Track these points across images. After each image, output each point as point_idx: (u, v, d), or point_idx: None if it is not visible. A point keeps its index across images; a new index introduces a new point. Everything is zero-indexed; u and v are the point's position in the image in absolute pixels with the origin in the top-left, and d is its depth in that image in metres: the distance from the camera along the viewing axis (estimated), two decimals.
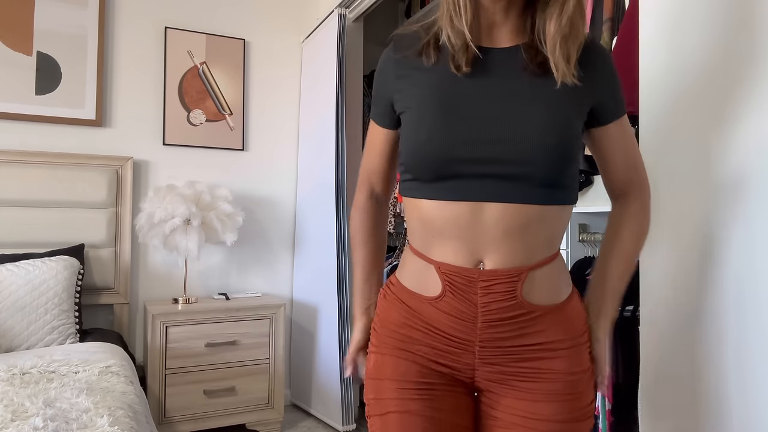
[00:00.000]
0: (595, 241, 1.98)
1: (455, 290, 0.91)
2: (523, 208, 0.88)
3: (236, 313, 2.76)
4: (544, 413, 0.91)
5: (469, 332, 0.91)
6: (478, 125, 0.88)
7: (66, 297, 2.38)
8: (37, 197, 2.67)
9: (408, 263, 0.99)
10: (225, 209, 2.84)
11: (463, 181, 0.89)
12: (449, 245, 0.91)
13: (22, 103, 2.72)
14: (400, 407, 0.93)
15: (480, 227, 0.89)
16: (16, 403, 1.52)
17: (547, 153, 0.86)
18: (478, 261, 0.90)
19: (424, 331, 0.95)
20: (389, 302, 1.00)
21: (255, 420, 2.78)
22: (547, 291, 0.92)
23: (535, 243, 0.90)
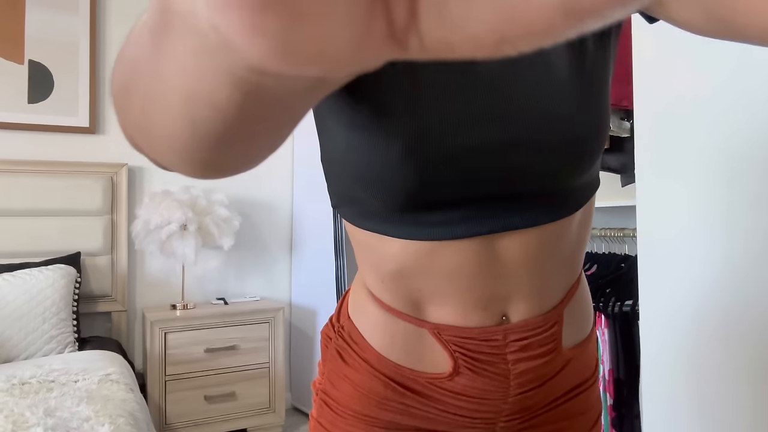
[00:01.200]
0: (592, 236, 1.98)
1: (474, 365, 0.62)
2: (556, 227, 0.60)
3: (235, 317, 2.75)
4: None
5: (493, 410, 0.66)
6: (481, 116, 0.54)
7: (64, 306, 2.37)
8: (31, 206, 2.66)
9: (373, 317, 0.66)
10: (221, 213, 2.83)
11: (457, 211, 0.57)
12: (450, 299, 0.61)
13: (14, 111, 2.71)
14: None
15: (496, 268, 0.59)
16: (16, 414, 1.51)
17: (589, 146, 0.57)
18: (501, 314, 0.62)
19: (419, 415, 0.66)
20: (353, 367, 0.67)
21: (256, 425, 2.78)
22: (580, 322, 0.69)
23: (568, 265, 0.65)
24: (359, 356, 0.67)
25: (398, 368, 0.65)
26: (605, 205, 1.90)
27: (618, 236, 1.87)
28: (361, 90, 0.53)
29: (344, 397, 0.67)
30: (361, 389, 0.66)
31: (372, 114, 0.53)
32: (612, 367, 1.67)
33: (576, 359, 0.69)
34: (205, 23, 0.17)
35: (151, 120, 0.30)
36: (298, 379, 3.23)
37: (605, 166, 1.72)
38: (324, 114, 0.58)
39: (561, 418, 0.71)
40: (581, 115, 0.56)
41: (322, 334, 0.74)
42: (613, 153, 1.68)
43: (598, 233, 1.93)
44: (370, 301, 0.67)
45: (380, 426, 0.66)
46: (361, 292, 0.69)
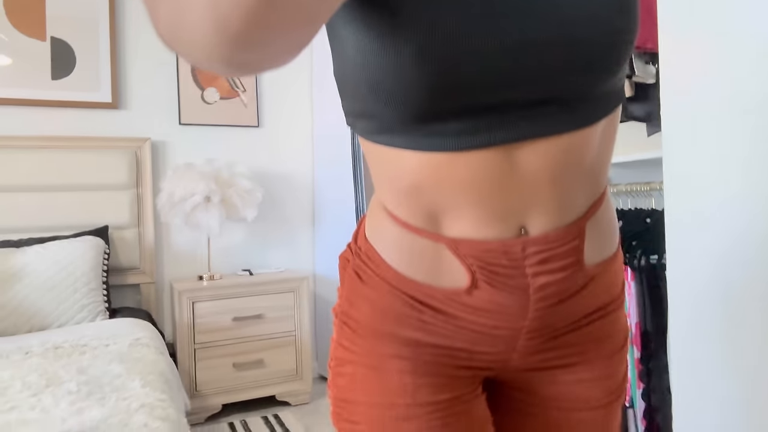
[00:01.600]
0: (618, 192, 1.94)
1: (493, 278, 0.61)
2: (578, 137, 0.57)
3: (260, 287, 2.78)
4: (598, 390, 0.71)
5: (513, 326, 0.64)
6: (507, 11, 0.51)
7: (93, 276, 2.42)
8: (58, 181, 2.71)
9: (390, 235, 0.65)
10: (244, 185, 2.85)
11: (477, 120, 0.54)
12: (468, 212, 0.59)
13: (39, 88, 2.75)
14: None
15: (516, 178, 0.57)
16: (50, 372, 1.55)
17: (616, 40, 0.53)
18: (519, 226, 0.59)
19: (439, 332, 0.65)
20: (371, 286, 0.67)
21: (284, 391, 2.82)
22: (604, 239, 0.65)
23: (591, 178, 0.61)
24: (377, 275, 0.66)
25: (416, 285, 0.64)
26: (630, 159, 1.86)
27: (645, 191, 1.83)
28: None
29: (363, 317, 0.67)
30: (380, 307, 0.66)
31: (384, 16, 0.50)
32: (639, 320, 1.65)
33: (599, 278, 0.67)
34: None
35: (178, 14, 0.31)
36: (323, 348, 3.26)
37: (630, 116, 1.68)
38: (337, 24, 0.55)
39: (585, 341, 0.70)
40: (609, 7, 0.52)
41: (340, 258, 0.74)
42: (637, 101, 1.64)
43: (624, 189, 1.89)
44: (387, 219, 0.65)
45: (400, 343, 0.65)
46: (378, 212, 0.67)
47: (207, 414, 2.66)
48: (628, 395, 1.65)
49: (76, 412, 1.22)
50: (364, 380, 0.65)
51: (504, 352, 0.67)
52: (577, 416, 0.71)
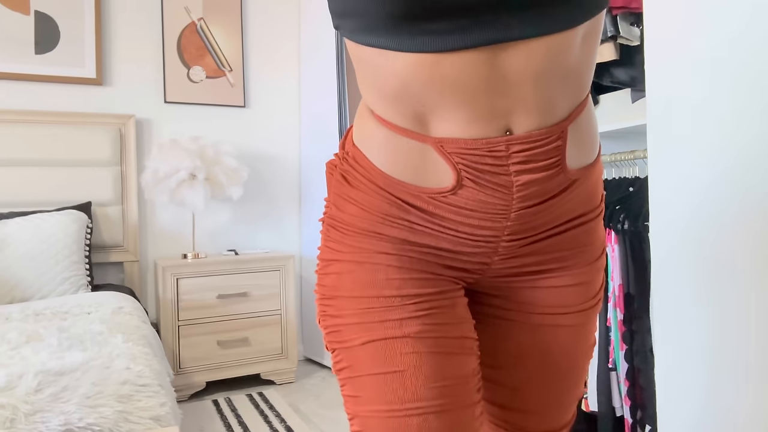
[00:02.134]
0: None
1: (477, 176, 0.62)
2: (561, 39, 0.57)
3: (246, 265, 2.77)
4: (579, 296, 0.74)
5: (496, 226, 0.65)
6: None
7: (76, 249, 2.39)
8: (41, 156, 2.67)
9: (377, 138, 0.65)
10: (229, 164, 2.83)
11: (464, 18, 0.54)
12: (455, 112, 0.59)
13: (21, 62, 2.72)
14: (388, 332, 0.64)
15: (501, 78, 0.58)
16: (30, 331, 1.53)
17: None
18: (505, 127, 0.60)
19: (424, 232, 0.66)
20: (358, 188, 0.68)
21: (269, 370, 2.81)
22: (584, 147, 0.67)
23: (574, 81, 0.62)
24: (365, 177, 0.67)
25: (403, 185, 0.65)
26: (614, 128, 1.87)
27: (629, 159, 1.85)
28: None
29: (350, 218, 0.68)
30: (367, 208, 0.67)
31: None
32: (622, 282, 1.66)
33: (580, 184, 0.69)
34: None
35: None
36: (309, 330, 3.25)
37: (615, 80, 1.69)
38: None
39: (563, 248, 0.72)
40: None
41: (327, 165, 0.74)
42: (622, 66, 1.66)
43: (608, 159, 1.91)
44: (374, 122, 0.66)
45: (386, 241, 0.67)
46: (365, 116, 0.68)
47: (191, 391, 2.64)
48: (611, 357, 1.67)
49: (56, 359, 1.21)
50: (350, 275, 0.66)
51: (486, 254, 0.68)
52: (553, 321, 0.74)
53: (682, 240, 1.26)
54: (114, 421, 1.00)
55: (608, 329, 1.69)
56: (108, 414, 1.01)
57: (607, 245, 1.72)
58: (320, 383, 2.86)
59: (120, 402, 1.06)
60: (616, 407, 1.70)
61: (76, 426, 0.97)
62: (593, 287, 0.75)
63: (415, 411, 0.63)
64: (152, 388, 1.15)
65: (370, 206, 0.67)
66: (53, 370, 1.11)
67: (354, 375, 0.66)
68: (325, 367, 3.13)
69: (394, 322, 0.64)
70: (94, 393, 1.06)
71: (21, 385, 1.05)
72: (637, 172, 1.91)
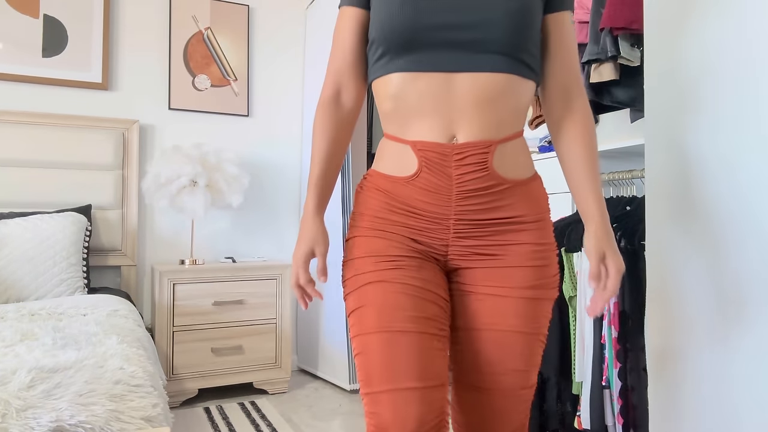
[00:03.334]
0: None
1: (431, 165, 0.96)
2: (492, 77, 0.94)
3: (243, 273, 2.77)
4: (515, 280, 0.98)
5: (444, 206, 0.96)
6: None
7: (74, 251, 2.39)
8: (44, 158, 2.69)
9: (384, 150, 1.03)
10: (231, 171, 2.85)
11: (433, 52, 0.94)
12: (423, 122, 0.96)
13: (29, 65, 2.74)
14: (375, 278, 0.96)
15: (452, 99, 0.94)
16: (25, 329, 1.53)
17: (510, 17, 0.93)
18: (452, 135, 0.96)
19: (400, 213, 0.99)
20: (366, 193, 1.04)
21: (262, 379, 2.80)
22: (514, 165, 0.99)
23: (503, 115, 0.96)
24: (371, 183, 1.04)
25: (388, 177, 1.01)
26: (613, 148, 1.89)
27: (626, 178, 1.86)
28: None
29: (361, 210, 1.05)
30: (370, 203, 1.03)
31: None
32: (617, 300, 1.67)
33: (513, 191, 0.98)
34: None
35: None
36: (304, 341, 3.24)
37: (614, 100, 1.71)
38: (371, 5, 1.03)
39: (504, 239, 0.99)
40: (499, 7, 0.93)
41: (356, 187, 1.08)
42: (621, 86, 1.68)
43: (607, 178, 1.92)
44: (384, 141, 1.04)
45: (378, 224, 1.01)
46: (381, 144, 1.05)
47: (183, 398, 2.62)
48: (605, 375, 1.66)
49: (50, 357, 1.21)
50: (360, 243, 1.01)
51: (441, 230, 0.98)
52: (494, 292, 0.99)
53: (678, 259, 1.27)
54: (105, 420, 1.00)
55: (602, 347, 1.69)
56: (99, 413, 1.01)
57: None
58: (313, 394, 2.84)
59: (112, 401, 1.06)
60: (608, 425, 1.70)
61: (67, 423, 0.97)
62: (532, 277, 0.98)
63: (388, 330, 0.93)
64: (145, 388, 1.15)
65: (371, 202, 1.03)
66: (47, 367, 1.11)
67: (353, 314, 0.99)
68: (319, 378, 3.12)
69: (378, 272, 0.97)
70: (87, 391, 1.06)
71: (14, 381, 1.05)
72: (635, 192, 1.92)
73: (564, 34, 1.02)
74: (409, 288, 0.94)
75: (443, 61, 0.93)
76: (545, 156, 2.13)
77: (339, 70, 1.06)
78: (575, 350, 1.80)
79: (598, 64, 1.66)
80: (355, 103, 1.08)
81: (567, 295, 1.83)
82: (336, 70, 1.06)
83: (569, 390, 1.84)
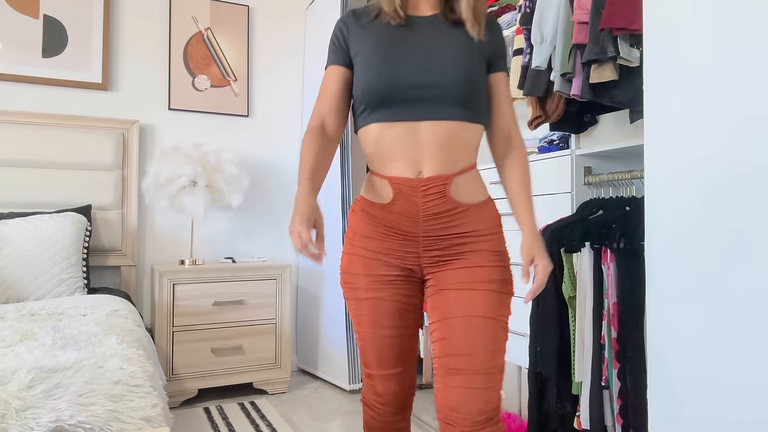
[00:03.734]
0: (599, 182, 1.97)
1: (402, 195, 1.21)
2: (448, 124, 1.20)
3: (243, 273, 2.77)
4: (480, 276, 1.21)
5: (414, 226, 1.22)
6: (411, 61, 1.21)
7: (74, 251, 2.39)
8: (44, 158, 2.69)
9: (369, 182, 1.30)
10: (231, 171, 2.85)
11: (402, 106, 1.20)
12: (396, 162, 1.22)
13: (29, 65, 2.75)
14: (371, 295, 1.26)
15: (418, 142, 1.20)
16: (25, 329, 1.53)
17: (461, 79, 1.20)
18: (419, 171, 1.21)
19: (381, 233, 1.25)
20: (357, 215, 1.30)
21: (262, 379, 2.80)
22: (468, 192, 1.24)
23: (457, 154, 1.22)
24: (359, 206, 1.30)
25: (372, 203, 1.27)
26: (613, 148, 1.89)
27: (626, 179, 1.86)
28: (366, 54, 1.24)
29: (353, 233, 1.30)
30: (358, 224, 1.29)
31: (365, 61, 1.24)
32: (617, 300, 1.67)
33: (469, 213, 1.23)
34: None
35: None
36: (304, 342, 3.24)
37: (614, 101, 1.71)
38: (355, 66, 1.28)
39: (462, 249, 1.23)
40: (454, 71, 1.20)
41: (349, 211, 1.33)
42: (621, 86, 1.67)
43: (607, 178, 1.93)
44: (369, 176, 1.30)
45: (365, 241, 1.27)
46: (367, 178, 1.30)
47: (183, 398, 2.62)
48: (605, 375, 1.66)
49: (50, 357, 1.21)
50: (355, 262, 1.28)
51: (413, 245, 1.23)
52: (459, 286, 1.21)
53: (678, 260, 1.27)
54: (105, 420, 1.00)
55: (602, 347, 1.69)
56: (99, 413, 1.01)
57: (603, 263, 1.73)
58: (313, 394, 2.85)
59: (112, 401, 1.06)
60: (608, 426, 1.70)
61: (66, 423, 0.97)
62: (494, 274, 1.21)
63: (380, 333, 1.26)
64: (144, 389, 1.15)
65: (359, 223, 1.29)
66: (46, 367, 1.11)
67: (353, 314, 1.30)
68: (318, 378, 3.12)
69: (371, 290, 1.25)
70: (86, 391, 1.06)
71: (14, 381, 1.05)
72: (635, 192, 1.92)
73: (501, 89, 1.31)
74: (392, 303, 1.26)
75: (410, 113, 1.19)
76: (545, 156, 2.13)
77: (323, 111, 1.29)
78: (575, 350, 1.80)
79: (597, 64, 1.66)
80: (336, 134, 1.30)
81: (566, 295, 1.83)
82: (321, 111, 1.29)
83: (569, 390, 1.84)
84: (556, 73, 1.84)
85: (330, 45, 1.33)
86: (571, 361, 1.83)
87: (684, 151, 1.25)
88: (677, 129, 1.27)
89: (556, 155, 2.08)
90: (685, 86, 1.24)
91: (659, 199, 1.32)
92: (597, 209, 1.96)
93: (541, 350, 1.89)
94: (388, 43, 1.23)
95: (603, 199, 1.97)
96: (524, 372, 2.24)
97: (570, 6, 1.82)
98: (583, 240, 1.80)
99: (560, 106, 1.96)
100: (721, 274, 1.18)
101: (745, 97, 1.12)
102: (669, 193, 1.29)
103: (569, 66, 1.78)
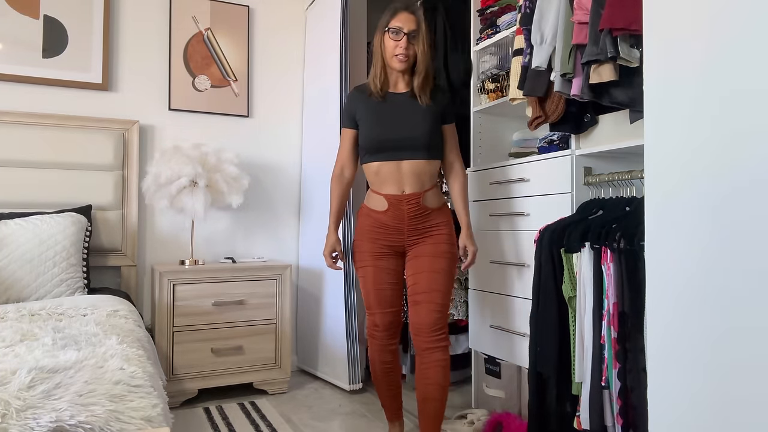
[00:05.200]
0: (599, 182, 1.97)
1: (393, 205, 2.04)
2: (418, 162, 2.03)
3: (243, 273, 2.77)
4: (439, 249, 2.04)
5: (400, 224, 2.04)
6: (392, 124, 2.04)
7: (74, 251, 2.39)
8: (44, 158, 2.69)
9: (371, 197, 2.09)
10: (231, 171, 2.85)
11: (389, 151, 2.03)
12: (388, 185, 2.04)
13: (29, 66, 2.75)
14: (373, 264, 2.08)
15: (401, 173, 2.03)
16: (25, 330, 1.53)
17: (424, 132, 2.04)
18: (402, 190, 2.03)
19: (379, 229, 2.07)
20: (362, 217, 2.12)
21: (262, 379, 2.80)
22: (432, 201, 2.07)
23: (425, 179, 2.05)
24: (363, 211, 2.13)
25: (373, 211, 2.09)
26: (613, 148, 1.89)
27: (626, 179, 1.86)
28: (364, 120, 2.11)
29: (360, 230, 2.13)
30: (363, 223, 2.12)
31: (363, 125, 2.11)
32: (617, 300, 1.67)
33: (432, 213, 2.06)
34: None
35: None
36: (304, 342, 3.25)
37: (614, 101, 1.71)
38: (359, 125, 2.14)
39: (428, 234, 2.06)
40: (419, 130, 2.04)
41: (357, 215, 2.19)
42: (621, 87, 1.67)
43: (607, 178, 1.93)
44: (371, 193, 2.11)
45: (368, 235, 2.10)
46: (368, 192, 2.12)
47: (183, 398, 2.63)
48: (605, 375, 1.67)
49: (50, 357, 1.21)
50: (362, 245, 2.11)
51: (400, 236, 2.05)
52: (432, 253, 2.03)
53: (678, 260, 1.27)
54: (105, 420, 1.00)
55: (602, 347, 1.69)
56: (99, 413, 1.01)
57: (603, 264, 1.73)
58: (313, 394, 2.85)
59: (112, 401, 1.06)
60: (608, 426, 1.70)
61: (67, 423, 0.97)
62: (447, 248, 2.05)
63: (378, 287, 2.08)
64: (145, 389, 1.15)
65: (364, 223, 2.11)
66: (47, 367, 1.11)
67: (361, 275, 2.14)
68: (318, 378, 3.12)
69: (372, 260, 2.08)
70: (87, 391, 1.06)
71: (14, 381, 1.05)
72: (635, 192, 1.92)
73: (448, 135, 2.16)
74: (386, 270, 2.08)
75: (395, 156, 2.02)
76: (545, 156, 2.13)
77: (342, 162, 2.18)
78: (575, 350, 1.80)
79: (597, 65, 1.66)
80: (351, 176, 2.20)
81: (566, 295, 1.83)
82: (341, 161, 2.18)
83: (569, 390, 1.84)
84: (556, 74, 1.84)
85: (344, 111, 2.17)
86: (571, 361, 1.83)
87: (684, 151, 1.25)
88: (677, 129, 1.27)
89: (556, 155, 2.08)
90: (686, 86, 1.24)
91: (659, 199, 1.32)
92: (597, 209, 1.96)
93: (541, 350, 1.89)
94: (376, 112, 2.06)
95: (603, 199, 1.97)
96: (524, 372, 2.24)
97: (570, 6, 1.82)
98: (583, 240, 1.80)
99: (560, 106, 1.96)
100: (721, 275, 1.18)
101: (745, 97, 1.12)
102: (669, 193, 1.29)
103: (569, 66, 1.79)
